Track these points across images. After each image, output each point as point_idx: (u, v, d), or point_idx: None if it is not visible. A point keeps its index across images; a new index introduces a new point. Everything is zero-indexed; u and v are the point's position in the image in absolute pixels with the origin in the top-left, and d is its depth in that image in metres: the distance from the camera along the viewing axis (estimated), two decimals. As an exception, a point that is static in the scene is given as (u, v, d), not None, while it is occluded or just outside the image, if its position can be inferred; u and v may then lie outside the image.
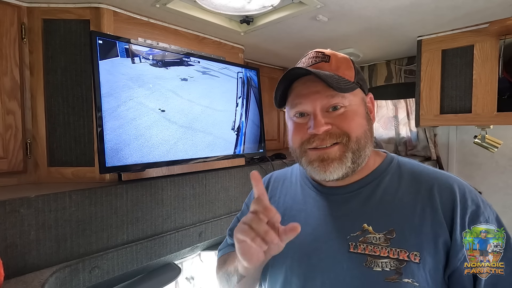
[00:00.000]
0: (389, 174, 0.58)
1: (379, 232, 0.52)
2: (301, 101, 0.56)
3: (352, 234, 0.53)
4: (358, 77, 0.58)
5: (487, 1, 1.12)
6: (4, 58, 1.00)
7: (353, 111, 0.55)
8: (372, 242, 0.51)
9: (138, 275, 1.19)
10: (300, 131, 0.57)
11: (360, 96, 0.58)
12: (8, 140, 1.02)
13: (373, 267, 0.50)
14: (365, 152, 0.55)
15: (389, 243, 0.50)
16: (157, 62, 1.14)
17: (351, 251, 0.52)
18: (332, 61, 0.57)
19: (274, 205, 0.63)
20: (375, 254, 0.50)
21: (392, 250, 0.50)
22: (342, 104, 0.55)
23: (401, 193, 0.55)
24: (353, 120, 0.55)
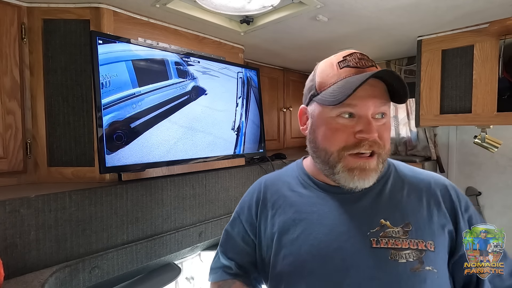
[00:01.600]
0: (392, 174, 0.62)
1: (396, 226, 0.54)
2: (356, 103, 0.53)
3: (372, 230, 0.54)
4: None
5: (487, 1, 1.12)
6: (4, 58, 1.00)
7: (389, 122, 0.58)
8: (392, 236, 0.53)
9: (138, 275, 1.19)
10: (345, 133, 0.54)
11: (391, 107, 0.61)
12: (8, 140, 1.02)
13: (398, 260, 0.51)
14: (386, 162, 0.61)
15: (408, 235, 0.53)
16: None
17: (374, 246, 0.53)
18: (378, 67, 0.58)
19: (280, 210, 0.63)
20: (398, 247, 0.52)
21: (411, 241, 0.52)
22: (387, 113, 0.56)
23: (406, 189, 0.59)
24: (389, 131, 0.57)
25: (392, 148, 2.28)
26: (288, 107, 2.27)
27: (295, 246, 0.58)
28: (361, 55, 0.57)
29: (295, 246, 0.58)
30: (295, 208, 0.62)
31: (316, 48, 1.71)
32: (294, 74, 2.32)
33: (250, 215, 0.69)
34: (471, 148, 1.84)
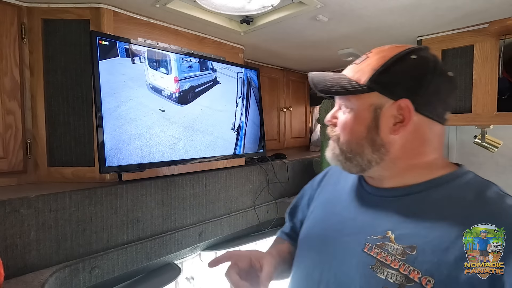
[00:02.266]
0: (445, 190, 0.52)
1: (399, 243, 0.50)
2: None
3: (373, 236, 0.53)
4: (378, 78, 0.53)
5: (487, 1, 1.12)
6: (4, 58, 1.00)
7: (353, 115, 0.56)
8: (387, 250, 0.50)
9: (138, 275, 1.19)
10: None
11: (370, 102, 0.54)
12: (8, 140, 1.02)
13: (377, 273, 0.49)
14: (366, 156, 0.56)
15: (405, 258, 0.48)
16: (155, 63, 1.14)
17: (365, 250, 0.53)
18: (363, 63, 0.57)
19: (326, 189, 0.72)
20: (385, 262, 0.49)
21: (404, 265, 0.48)
22: (346, 106, 0.57)
23: (448, 214, 0.49)
24: (347, 124, 0.57)
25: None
26: (288, 107, 2.27)
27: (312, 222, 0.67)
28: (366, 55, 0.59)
29: (312, 222, 0.67)
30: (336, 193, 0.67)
31: (316, 48, 1.71)
32: (294, 74, 2.33)
33: (313, 189, 0.77)
34: (471, 148, 1.84)
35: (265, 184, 1.63)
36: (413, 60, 0.52)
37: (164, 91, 1.06)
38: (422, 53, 0.53)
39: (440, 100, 0.52)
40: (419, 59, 0.52)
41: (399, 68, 0.52)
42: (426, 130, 0.53)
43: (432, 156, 0.55)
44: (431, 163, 0.55)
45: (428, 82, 0.51)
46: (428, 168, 0.55)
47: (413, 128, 0.52)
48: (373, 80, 0.53)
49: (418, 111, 0.51)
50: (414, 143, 0.54)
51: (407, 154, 0.54)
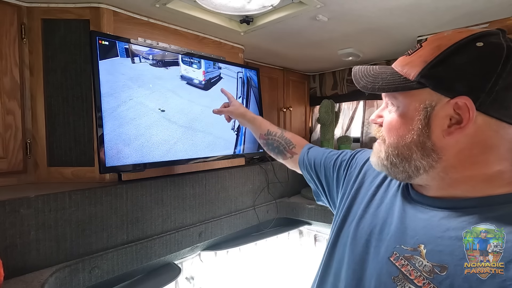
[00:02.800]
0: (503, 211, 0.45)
1: (430, 260, 0.45)
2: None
3: (404, 246, 0.49)
4: (431, 71, 0.45)
5: (487, 1, 1.12)
6: (4, 58, 1.00)
7: (399, 116, 0.50)
8: (415, 264, 0.46)
9: (138, 275, 1.19)
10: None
11: (420, 100, 0.47)
12: (8, 140, 1.02)
13: (398, 285, 0.46)
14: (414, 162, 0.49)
15: (432, 277, 0.44)
16: (157, 62, 1.14)
17: (391, 259, 0.49)
18: (414, 54, 0.49)
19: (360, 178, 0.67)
20: (409, 276, 0.46)
21: (430, 284, 0.43)
22: (393, 104, 0.51)
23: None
24: (392, 125, 0.51)
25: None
26: (288, 107, 2.27)
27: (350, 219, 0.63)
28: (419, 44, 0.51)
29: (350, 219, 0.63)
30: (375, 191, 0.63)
31: (316, 48, 1.71)
32: (294, 74, 2.33)
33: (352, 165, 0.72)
34: (471, 148, 1.84)
35: (265, 184, 1.63)
36: (478, 48, 0.43)
37: (194, 80, 1.25)
38: (493, 38, 0.43)
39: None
40: (488, 47, 0.42)
41: (459, 60, 0.43)
42: (492, 134, 0.44)
43: (496, 168, 0.45)
44: (494, 176, 0.45)
45: (498, 76, 0.41)
46: (488, 182, 0.46)
47: (474, 131, 0.44)
48: (424, 74, 0.45)
49: (482, 111, 0.42)
50: (473, 150, 0.45)
51: (463, 163, 0.46)
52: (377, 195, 0.61)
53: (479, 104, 0.42)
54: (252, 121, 0.99)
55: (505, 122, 0.43)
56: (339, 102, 2.34)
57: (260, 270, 1.77)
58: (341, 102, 2.34)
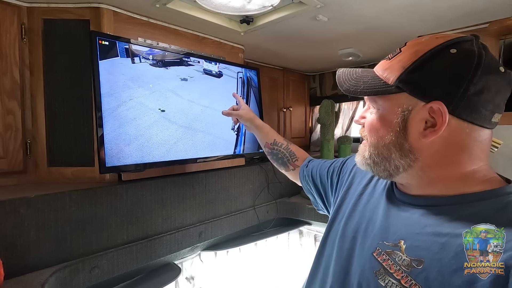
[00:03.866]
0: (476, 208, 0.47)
1: (408, 255, 0.48)
2: None
3: (386, 242, 0.52)
4: (409, 76, 0.48)
5: (487, 1, 1.12)
6: (4, 58, 1.00)
7: (379, 118, 0.52)
8: (395, 259, 0.49)
9: (138, 275, 1.19)
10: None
11: (398, 103, 0.49)
12: (8, 140, 1.02)
13: (379, 279, 0.49)
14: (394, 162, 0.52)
15: (409, 270, 0.46)
16: (157, 62, 1.14)
17: (374, 254, 0.53)
18: (394, 59, 0.51)
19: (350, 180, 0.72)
20: (389, 270, 0.49)
21: (407, 277, 0.46)
22: (374, 107, 0.54)
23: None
24: (373, 126, 0.53)
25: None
26: (288, 107, 2.27)
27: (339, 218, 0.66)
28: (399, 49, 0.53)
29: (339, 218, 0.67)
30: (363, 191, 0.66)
31: (316, 48, 1.71)
32: (294, 74, 2.33)
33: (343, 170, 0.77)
34: (471, 148, 1.84)
35: (265, 184, 1.63)
36: (452, 55, 0.45)
37: (212, 72, 1.34)
38: (466, 45, 0.45)
39: (486, 101, 0.45)
40: (460, 53, 0.44)
41: (434, 66, 0.46)
42: (465, 136, 0.46)
43: (470, 167, 0.48)
44: (468, 175, 0.48)
45: (469, 82, 0.43)
46: (462, 181, 0.48)
47: (448, 134, 0.46)
48: (402, 79, 0.48)
49: (455, 115, 0.45)
50: (448, 151, 0.48)
51: (439, 163, 0.49)
52: (364, 194, 0.65)
53: (452, 108, 0.45)
54: (260, 128, 0.99)
55: (476, 125, 0.46)
56: (339, 102, 2.34)
57: (260, 270, 1.77)
58: (341, 102, 2.34)
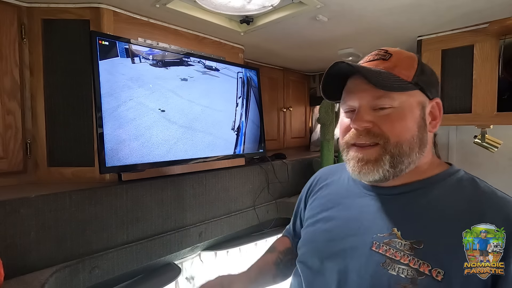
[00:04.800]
0: (443, 187, 0.54)
1: (406, 239, 0.51)
2: (349, 98, 0.57)
3: (380, 234, 0.54)
4: (419, 78, 0.54)
5: (487, 1, 1.12)
6: (4, 58, 1.00)
7: (401, 113, 0.52)
8: (395, 246, 0.51)
9: (138, 275, 1.19)
10: (345, 126, 0.58)
11: (417, 99, 0.54)
12: (8, 140, 1.02)
13: (389, 270, 0.50)
14: (410, 158, 0.53)
15: (413, 253, 0.49)
16: (157, 62, 1.14)
17: (373, 249, 0.53)
18: (392, 59, 0.55)
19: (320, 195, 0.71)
20: (395, 258, 0.50)
21: (414, 259, 0.48)
22: (390, 104, 0.52)
23: (449, 209, 0.51)
24: (398, 122, 0.52)
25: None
26: (288, 107, 2.27)
27: (314, 227, 0.66)
28: (378, 51, 0.58)
29: (314, 227, 0.66)
30: (331, 196, 0.68)
31: (316, 48, 1.71)
32: (294, 74, 2.32)
33: (306, 196, 0.78)
34: (471, 148, 1.84)
35: (265, 184, 1.63)
36: (427, 64, 0.58)
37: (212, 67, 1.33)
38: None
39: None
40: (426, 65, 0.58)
41: (427, 70, 0.57)
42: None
43: (431, 155, 0.59)
44: (431, 161, 0.58)
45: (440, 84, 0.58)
46: (430, 166, 0.58)
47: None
48: (417, 78, 0.54)
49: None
50: (429, 141, 0.57)
51: (427, 153, 0.57)
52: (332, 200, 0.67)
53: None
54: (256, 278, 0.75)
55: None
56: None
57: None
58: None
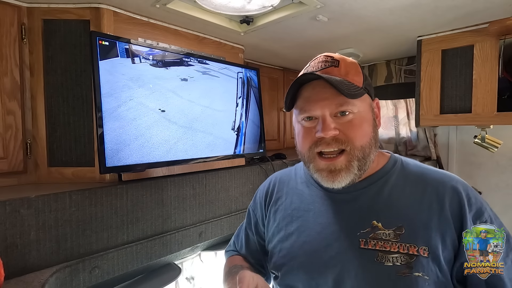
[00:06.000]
0: (394, 174, 0.60)
1: (388, 228, 0.53)
2: (310, 107, 0.56)
3: (362, 230, 0.55)
4: (366, 82, 0.59)
5: (487, 1, 1.12)
6: (4, 58, 1.00)
7: (361, 118, 0.56)
8: (382, 238, 0.53)
9: (138, 275, 1.19)
10: (309, 135, 0.58)
11: (368, 102, 0.59)
12: (8, 140, 1.02)
13: (384, 262, 0.51)
14: (370, 158, 0.58)
15: (399, 239, 0.52)
16: (157, 62, 1.14)
17: (362, 247, 0.54)
18: (342, 66, 0.58)
19: (282, 207, 0.67)
20: (386, 249, 0.52)
21: (402, 245, 0.51)
22: (351, 110, 0.55)
23: (407, 191, 0.57)
24: (360, 127, 0.56)
25: (392, 148, 2.28)
26: (288, 107, 2.27)
27: (290, 241, 0.62)
28: (324, 57, 0.60)
29: (289, 241, 0.62)
30: (295, 205, 0.65)
31: (316, 48, 1.71)
32: (294, 74, 2.32)
33: (262, 209, 0.74)
34: (471, 148, 1.84)
35: (265, 184, 1.63)
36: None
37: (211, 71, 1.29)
38: None
39: None
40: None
41: (367, 76, 0.63)
42: None
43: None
44: (377, 154, 0.62)
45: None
46: (377, 159, 0.62)
47: None
48: (366, 83, 0.59)
49: None
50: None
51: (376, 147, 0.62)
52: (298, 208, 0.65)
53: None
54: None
55: None
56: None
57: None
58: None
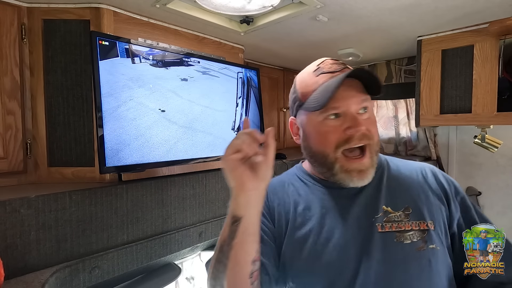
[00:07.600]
0: (386, 165, 0.68)
1: (397, 210, 0.59)
2: (339, 104, 0.58)
3: (376, 216, 0.59)
4: None
5: (487, 1, 1.12)
6: (4, 58, 1.00)
7: (373, 114, 0.63)
8: (395, 220, 0.58)
9: (138, 275, 1.19)
10: (335, 132, 0.59)
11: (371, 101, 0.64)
12: (8, 140, 1.02)
13: (404, 241, 0.56)
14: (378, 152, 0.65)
15: (409, 218, 0.58)
16: (157, 62, 1.14)
17: (380, 231, 0.57)
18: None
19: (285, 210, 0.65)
20: (401, 229, 0.57)
21: (413, 223, 0.57)
22: (369, 107, 0.61)
23: (402, 177, 0.65)
24: (375, 123, 0.62)
25: (392, 148, 2.28)
26: (288, 107, 2.27)
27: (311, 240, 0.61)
28: (332, 61, 0.64)
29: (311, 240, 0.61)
30: (303, 207, 0.65)
31: (316, 48, 1.71)
32: (294, 74, 2.31)
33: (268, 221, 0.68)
34: (471, 148, 1.84)
35: (265, 184, 1.63)
36: None
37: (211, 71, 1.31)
38: None
39: None
40: None
41: None
42: None
43: None
44: None
45: None
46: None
47: None
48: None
49: None
50: None
51: None
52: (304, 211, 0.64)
53: None
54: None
55: None
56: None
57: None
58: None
